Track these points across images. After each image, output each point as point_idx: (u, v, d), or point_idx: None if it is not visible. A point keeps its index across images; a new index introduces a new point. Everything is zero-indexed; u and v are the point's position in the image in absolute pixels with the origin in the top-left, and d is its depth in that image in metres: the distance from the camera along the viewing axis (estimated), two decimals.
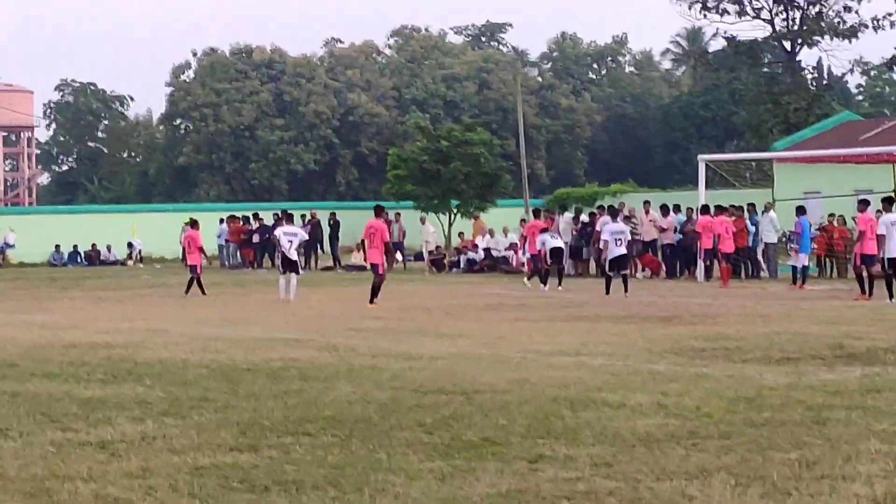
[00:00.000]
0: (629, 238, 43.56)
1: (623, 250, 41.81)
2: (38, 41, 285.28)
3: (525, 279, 46.17)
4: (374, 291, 37.11)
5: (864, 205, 38.71)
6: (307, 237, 46.43)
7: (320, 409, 16.22)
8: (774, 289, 43.66)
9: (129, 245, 77.13)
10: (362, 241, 42.10)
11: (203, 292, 42.91)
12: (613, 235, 41.50)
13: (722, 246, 46.70)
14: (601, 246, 43.04)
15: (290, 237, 40.80)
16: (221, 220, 69.00)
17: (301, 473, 12.31)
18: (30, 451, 13.73)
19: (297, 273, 40.19)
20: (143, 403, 17.05)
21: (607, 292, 39.94)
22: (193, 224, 47.14)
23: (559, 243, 46.11)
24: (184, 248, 46.20)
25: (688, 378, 18.92)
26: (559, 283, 44.40)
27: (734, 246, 47.56)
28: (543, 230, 46.08)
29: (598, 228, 48.32)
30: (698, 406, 16.07)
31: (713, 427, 14.57)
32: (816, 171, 60.03)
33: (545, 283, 44.32)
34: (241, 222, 68.14)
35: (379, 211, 41.07)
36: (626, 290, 39.95)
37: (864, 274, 37.48)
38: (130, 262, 75.24)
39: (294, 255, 40.36)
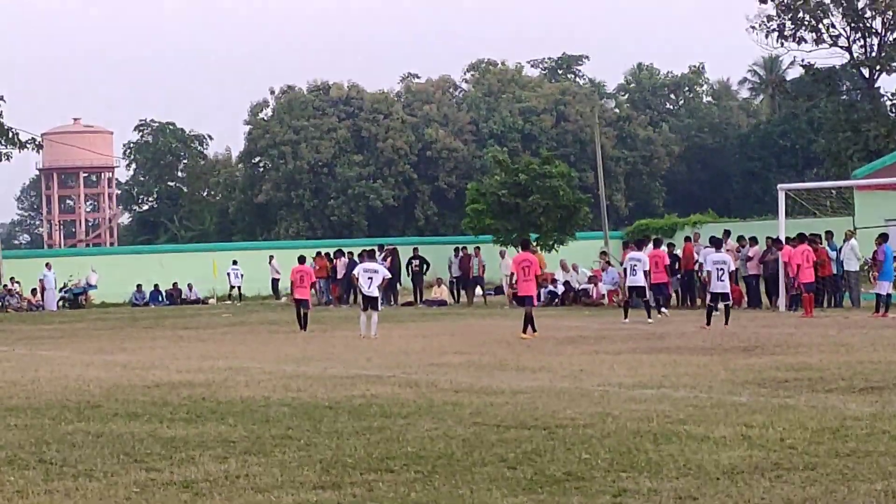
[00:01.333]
0: (732, 268, 43.28)
1: (726, 283, 41.44)
2: (116, 82, 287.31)
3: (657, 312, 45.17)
4: (528, 322, 37.57)
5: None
6: (389, 275, 46.38)
7: (402, 446, 16.24)
8: (857, 317, 43.40)
9: (229, 275, 77.20)
10: (512, 274, 41.82)
11: (304, 326, 43.31)
12: (716, 266, 41.16)
13: (802, 276, 46.51)
14: (704, 277, 42.77)
15: (370, 274, 40.87)
16: (301, 259, 69.25)
17: None
18: (114, 491, 13.79)
19: (377, 309, 40.24)
20: (226, 442, 17.11)
21: (708, 323, 39.62)
22: (302, 260, 47.58)
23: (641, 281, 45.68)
24: (293, 283, 46.36)
25: (771, 409, 18.84)
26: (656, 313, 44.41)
27: (814, 275, 47.38)
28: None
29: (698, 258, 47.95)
30: (782, 437, 16.02)
31: (797, 458, 14.52)
32: None
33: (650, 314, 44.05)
34: (327, 260, 68.49)
35: (526, 244, 41.75)
36: (726, 322, 39.62)
37: None
38: (228, 301, 75.19)
39: (375, 292, 40.39)
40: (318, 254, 68.58)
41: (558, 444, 16.01)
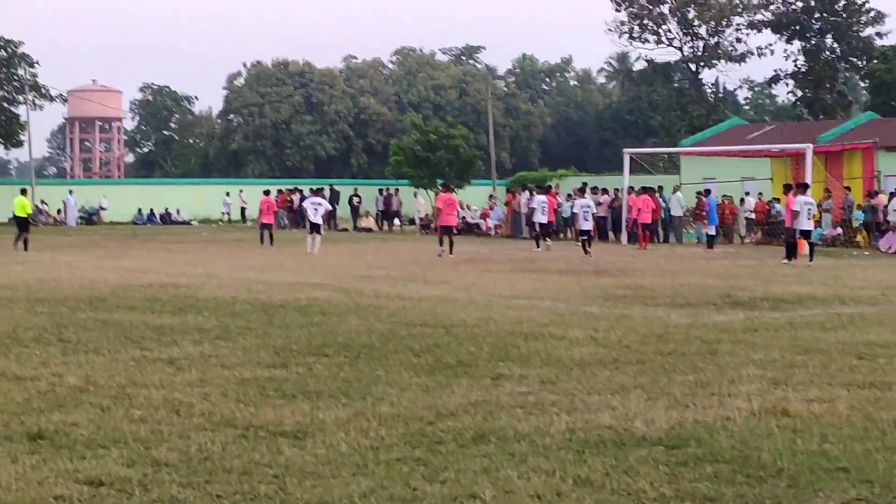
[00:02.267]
0: (594, 211, 43.50)
1: (590, 222, 41.66)
2: (126, 51, 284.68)
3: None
4: (451, 244, 38.22)
5: (786, 189, 38.88)
6: (330, 207, 46.31)
7: (335, 337, 16.21)
8: (680, 251, 43.69)
9: (225, 205, 76.58)
10: (438, 209, 41.74)
11: (271, 243, 43.49)
12: (582, 209, 41.51)
13: (641, 217, 46.81)
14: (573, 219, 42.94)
15: (315, 206, 40.83)
16: (267, 192, 69.06)
17: (320, 385, 12.30)
18: (115, 364, 13.71)
19: (320, 234, 40.16)
20: (202, 330, 17.03)
21: (586, 252, 39.39)
22: (267, 193, 47.52)
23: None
24: (261, 210, 46.27)
25: (612, 318, 18.93)
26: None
27: (651, 218, 47.73)
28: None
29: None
30: (620, 339, 16.09)
31: (631, 355, 14.59)
32: (713, 163, 59.94)
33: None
34: (287, 194, 68.45)
35: (447, 187, 42.48)
36: (588, 252, 39.45)
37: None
38: (220, 223, 74.46)
39: (318, 220, 40.32)
40: (280, 190, 68.34)
41: (452, 340, 16.01)
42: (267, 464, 8.91)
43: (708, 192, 47.24)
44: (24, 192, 45.06)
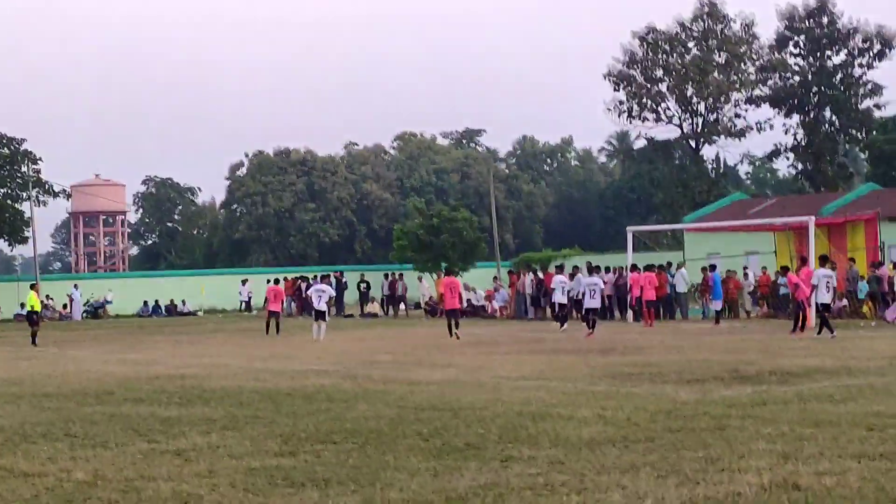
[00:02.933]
0: (602, 288, 43.02)
1: (597, 300, 41.12)
2: (128, 147, 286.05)
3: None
4: (456, 327, 38.39)
5: (802, 262, 39.10)
6: (334, 293, 46.29)
7: (342, 424, 16.18)
8: (686, 327, 43.63)
9: (241, 294, 76.06)
10: (441, 293, 42.01)
11: (277, 332, 43.21)
12: (589, 286, 41.11)
13: (645, 295, 46.77)
14: (580, 296, 42.06)
15: (319, 293, 40.83)
16: (275, 281, 69.13)
17: (329, 472, 12.27)
18: (123, 458, 13.68)
19: (325, 320, 40.15)
20: (209, 420, 17.00)
21: (591, 331, 38.97)
22: (276, 281, 47.65)
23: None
24: (268, 298, 46.23)
25: (621, 396, 18.89)
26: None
27: (655, 295, 47.70)
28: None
29: (568, 283, 46.50)
30: (629, 417, 16.06)
31: (640, 433, 14.56)
32: (716, 238, 60.10)
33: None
34: (292, 282, 68.41)
35: (450, 271, 42.53)
36: (592, 330, 39.00)
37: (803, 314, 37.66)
38: (254, 312, 73.57)
39: (322, 307, 40.30)
40: (286, 278, 68.37)
41: (461, 423, 15.98)
42: None
43: (713, 267, 47.30)
44: (33, 286, 45.38)
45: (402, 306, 66.43)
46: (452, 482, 11.55)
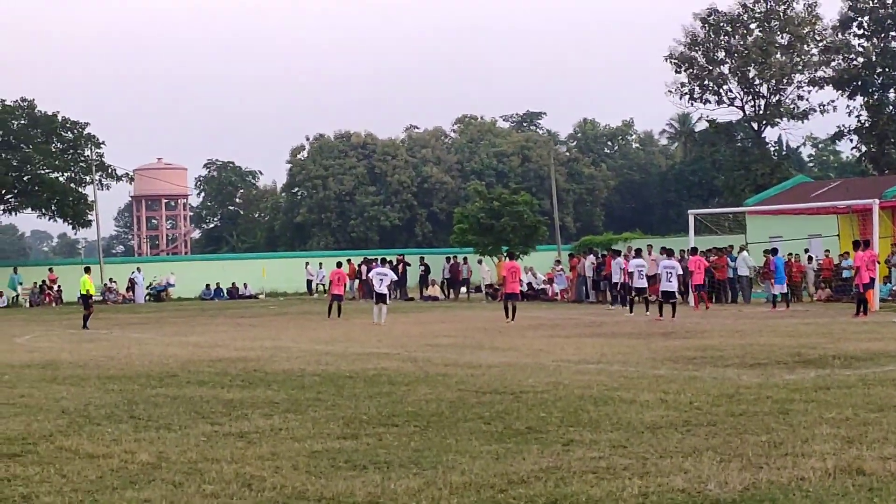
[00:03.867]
0: (679, 272, 41.47)
1: (673, 283, 39.67)
2: (191, 129, 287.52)
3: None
4: (514, 311, 38.66)
5: (858, 245, 38.88)
6: (395, 277, 46.32)
7: (404, 407, 16.22)
8: (748, 311, 43.39)
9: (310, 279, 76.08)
10: (503, 277, 42.08)
11: (339, 315, 43.24)
12: (665, 269, 40.08)
13: (694, 279, 46.12)
14: (657, 279, 40.64)
15: (381, 276, 40.88)
16: (338, 264, 69.34)
17: (390, 455, 12.30)
18: (187, 440, 13.77)
19: (386, 303, 40.20)
20: (272, 403, 17.08)
21: (669, 315, 38.29)
22: (339, 265, 47.80)
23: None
24: (331, 282, 46.32)
25: (683, 380, 18.83)
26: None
27: (713, 278, 47.56)
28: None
29: (649, 265, 45.15)
30: (691, 401, 16.00)
31: (702, 417, 14.51)
32: (778, 221, 59.71)
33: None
34: (356, 266, 68.59)
35: (512, 255, 42.42)
36: (673, 315, 38.25)
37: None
38: (316, 296, 73.58)
39: (384, 290, 40.35)
40: (349, 261, 68.58)
41: (522, 406, 15.98)
42: None
43: (775, 251, 46.94)
44: (87, 270, 45.57)
45: (462, 289, 66.43)
46: (514, 465, 11.55)
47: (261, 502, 10.18)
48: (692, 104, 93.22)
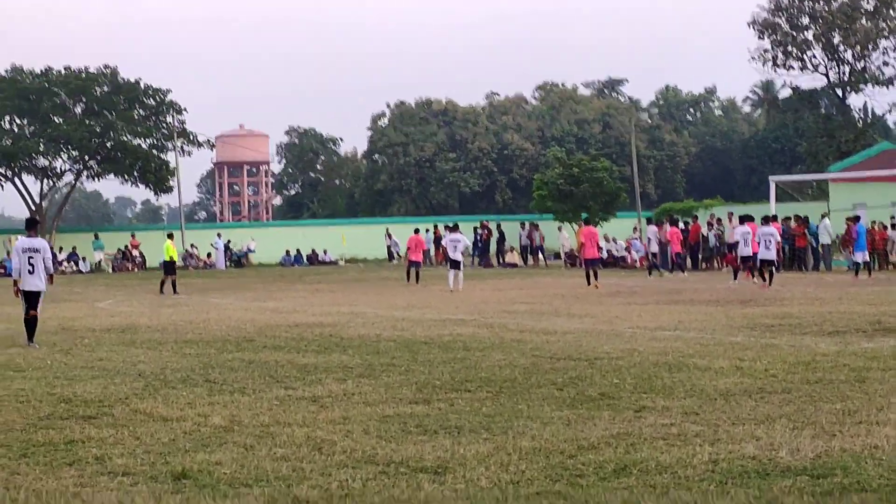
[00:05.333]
0: (778, 239, 39.70)
1: (772, 251, 38.30)
2: (272, 96, 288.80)
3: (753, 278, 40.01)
4: (595, 276, 39.32)
5: None
6: (468, 243, 46.37)
7: (477, 372, 16.23)
8: (828, 279, 43.02)
9: (390, 245, 76.28)
10: (581, 243, 42.56)
11: (417, 282, 43.32)
12: (764, 237, 38.44)
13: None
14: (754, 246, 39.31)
15: (455, 243, 40.89)
16: (415, 231, 69.46)
17: (462, 420, 12.32)
18: (260, 404, 13.86)
19: (460, 269, 40.21)
20: (346, 368, 17.16)
21: (767, 282, 37.50)
22: (416, 231, 47.91)
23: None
24: (409, 248, 46.45)
25: (759, 347, 18.71)
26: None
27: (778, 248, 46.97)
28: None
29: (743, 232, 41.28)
30: (766, 369, 15.90)
31: (777, 384, 14.41)
32: (862, 188, 59.15)
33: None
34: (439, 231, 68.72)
35: (589, 221, 43.11)
36: (770, 282, 37.42)
37: None
38: (394, 261, 73.66)
39: (458, 257, 40.38)
40: (435, 227, 68.58)
41: (595, 372, 15.95)
42: (407, 499, 8.94)
43: (857, 218, 46.40)
44: (170, 236, 45.89)
45: (540, 256, 66.35)
46: (585, 431, 11.53)
47: (330, 466, 10.21)
48: (775, 71, 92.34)
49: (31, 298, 21.94)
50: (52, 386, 15.92)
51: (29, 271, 21.83)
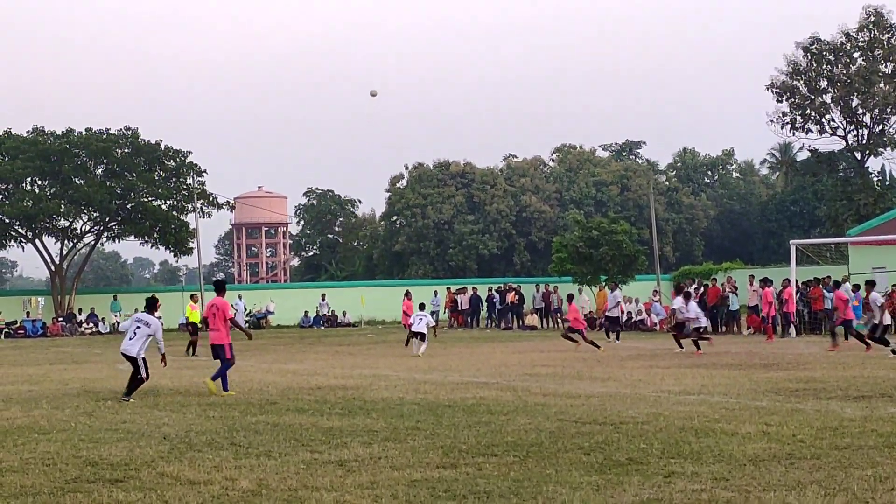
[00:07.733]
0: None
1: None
2: (290, 160, 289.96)
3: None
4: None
5: None
6: (433, 322, 45.89)
7: (503, 437, 16.18)
8: (851, 342, 42.81)
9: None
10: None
11: (406, 344, 43.28)
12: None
13: (788, 307, 46.02)
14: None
15: (421, 318, 40.66)
16: (434, 293, 69.34)
17: (490, 485, 12.27)
18: (286, 467, 13.82)
19: (424, 340, 39.80)
20: (371, 432, 17.11)
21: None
22: (408, 295, 47.73)
23: None
24: (404, 313, 46.40)
25: (785, 412, 18.63)
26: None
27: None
28: None
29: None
30: (794, 434, 15.82)
31: (806, 450, 14.34)
32: (882, 252, 58.98)
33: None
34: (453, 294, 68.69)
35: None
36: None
37: None
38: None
39: (423, 329, 39.91)
40: (448, 289, 68.51)
41: (622, 437, 15.89)
42: None
43: (872, 284, 46.12)
44: (193, 298, 45.99)
45: (559, 318, 66.25)
46: (615, 497, 11.48)
47: None
48: (794, 133, 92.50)
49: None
50: (78, 448, 15.91)
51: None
